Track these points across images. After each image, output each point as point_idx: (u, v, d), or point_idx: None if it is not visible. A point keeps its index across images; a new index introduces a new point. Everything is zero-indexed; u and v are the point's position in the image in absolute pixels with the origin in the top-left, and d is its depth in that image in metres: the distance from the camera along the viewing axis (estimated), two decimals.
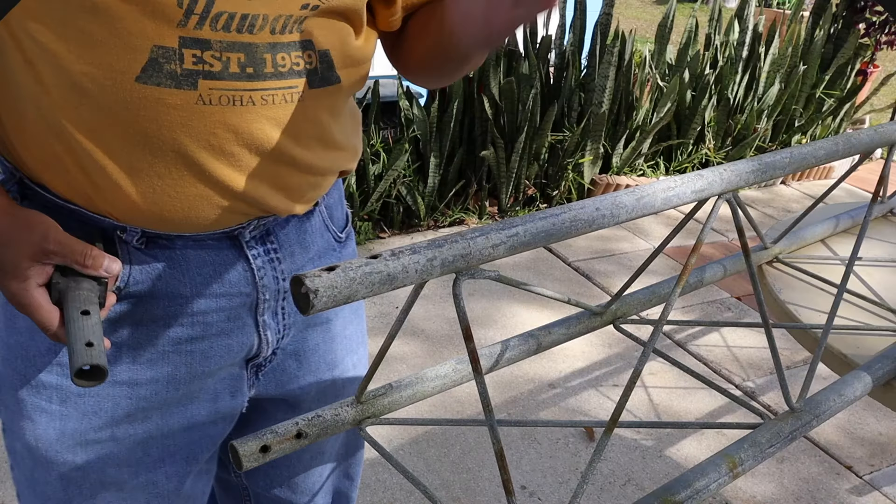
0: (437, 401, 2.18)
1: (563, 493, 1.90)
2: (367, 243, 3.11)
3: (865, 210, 1.22)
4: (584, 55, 3.58)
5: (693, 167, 3.97)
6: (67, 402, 0.77)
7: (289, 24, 0.68)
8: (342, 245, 0.91)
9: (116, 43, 0.63)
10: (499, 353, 0.86)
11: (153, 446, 0.81)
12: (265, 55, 0.67)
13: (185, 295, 0.77)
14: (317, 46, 0.71)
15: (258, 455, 0.66)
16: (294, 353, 0.89)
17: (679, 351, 2.57)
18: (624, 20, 8.19)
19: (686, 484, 0.72)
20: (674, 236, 0.84)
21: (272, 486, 1.00)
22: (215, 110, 0.67)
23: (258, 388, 0.89)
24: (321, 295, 0.54)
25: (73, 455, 0.79)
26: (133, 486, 0.82)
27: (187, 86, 0.65)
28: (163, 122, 0.66)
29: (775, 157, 0.81)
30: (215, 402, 0.84)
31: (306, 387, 0.91)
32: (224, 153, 0.69)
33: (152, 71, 0.64)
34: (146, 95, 0.65)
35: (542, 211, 0.65)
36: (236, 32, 0.65)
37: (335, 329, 0.92)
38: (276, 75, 0.69)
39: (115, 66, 0.64)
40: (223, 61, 0.66)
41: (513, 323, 2.64)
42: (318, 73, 0.72)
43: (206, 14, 0.64)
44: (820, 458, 2.11)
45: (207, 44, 0.65)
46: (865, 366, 0.92)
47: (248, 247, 0.79)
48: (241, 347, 0.82)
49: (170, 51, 0.64)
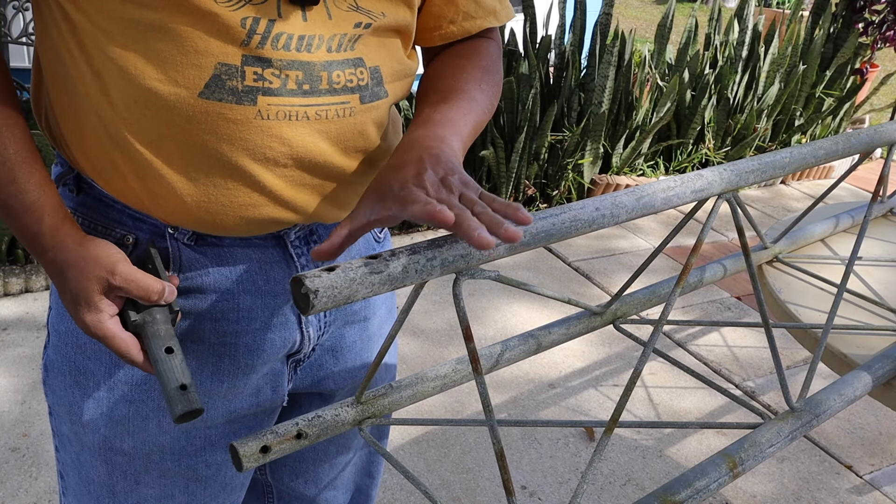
0: (437, 401, 2.18)
1: (563, 492, 1.90)
2: None
3: (865, 209, 1.22)
4: (583, 55, 3.58)
5: (693, 167, 3.97)
6: (115, 389, 0.80)
7: (343, 43, 0.71)
8: (380, 244, 0.94)
9: (183, 60, 0.66)
10: (499, 353, 0.86)
11: (196, 436, 0.84)
12: (321, 73, 0.71)
13: (231, 290, 0.80)
14: (368, 63, 0.74)
15: (258, 455, 0.66)
16: (331, 349, 0.91)
17: (679, 351, 2.57)
18: (623, 20, 8.19)
19: (686, 483, 0.72)
20: (674, 236, 0.84)
21: (296, 480, 1.02)
22: (272, 125, 0.70)
23: (295, 381, 0.91)
24: (321, 295, 0.54)
25: (120, 441, 0.82)
26: (175, 473, 0.85)
27: (247, 101, 0.68)
28: (222, 135, 0.69)
29: (775, 157, 0.81)
30: (257, 397, 0.86)
31: (340, 382, 0.94)
32: (278, 165, 0.72)
33: (215, 87, 0.67)
34: (208, 110, 0.68)
35: (542, 211, 0.65)
36: (295, 51, 0.69)
37: (372, 328, 0.95)
38: (330, 91, 0.72)
39: (181, 81, 0.67)
40: (282, 79, 0.69)
41: (513, 323, 2.64)
42: (369, 88, 0.75)
43: (268, 34, 0.67)
44: (820, 458, 2.11)
45: (268, 62, 0.68)
46: (865, 365, 0.92)
47: (292, 246, 0.82)
48: (283, 343, 0.84)
49: (232, 68, 0.67)
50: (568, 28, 3.59)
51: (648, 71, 3.86)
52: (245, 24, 0.66)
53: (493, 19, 0.86)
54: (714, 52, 4.09)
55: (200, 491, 0.87)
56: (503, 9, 0.87)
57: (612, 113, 3.58)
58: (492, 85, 0.85)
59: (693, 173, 0.74)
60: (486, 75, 0.84)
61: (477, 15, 0.84)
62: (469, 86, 0.81)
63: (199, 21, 0.65)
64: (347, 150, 0.76)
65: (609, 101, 3.45)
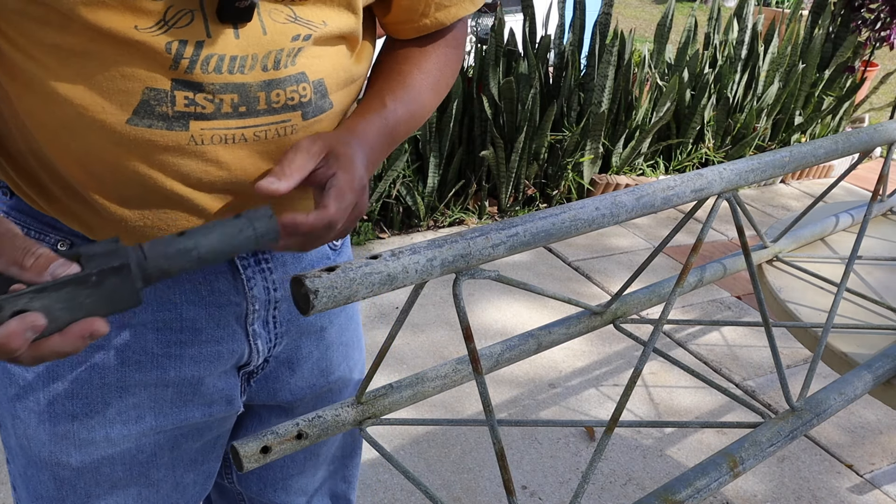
0: (437, 401, 2.18)
1: (563, 492, 1.90)
2: (367, 244, 3.11)
3: (865, 208, 1.22)
4: (583, 55, 3.58)
5: (693, 166, 3.97)
6: (55, 404, 0.77)
7: (281, 59, 0.67)
8: (337, 253, 0.91)
9: (109, 86, 0.63)
10: (499, 353, 0.86)
11: (146, 443, 0.81)
12: (258, 93, 0.66)
13: (173, 300, 0.77)
14: (311, 77, 0.70)
15: (258, 456, 0.66)
16: (287, 362, 0.88)
17: (679, 350, 2.57)
18: (623, 19, 8.19)
19: (687, 483, 0.72)
20: (674, 235, 0.84)
21: (266, 490, 0.99)
22: (207, 149, 0.66)
23: (249, 394, 0.89)
24: (321, 295, 0.54)
25: (67, 456, 0.78)
26: (126, 481, 0.82)
27: (179, 127, 0.65)
28: (154, 161, 0.66)
29: (775, 156, 0.81)
30: (210, 407, 0.83)
31: (299, 393, 0.91)
32: (216, 188, 0.69)
33: (144, 113, 0.64)
34: (137, 137, 0.64)
35: (541, 211, 0.65)
36: (228, 74, 0.64)
37: (330, 337, 0.92)
38: (269, 111, 0.68)
39: (107, 108, 0.63)
40: (216, 103, 0.65)
41: (513, 323, 2.64)
42: (313, 103, 0.71)
43: (196, 58, 0.63)
44: (820, 457, 2.11)
45: (200, 86, 0.64)
46: (866, 364, 0.92)
47: (238, 256, 0.78)
48: (230, 355, 0.82)
49: (161, 93, 0.63)
50: (567, 28, 3.59)
51: (648, 70, 3.86)
52: (170, 49, 0.62)
53: (468, 5, 0.80)
54: (713, 52, 4.09)
55: (153, 495, 0.85)
56: None
57: (612, 112, 3.58)
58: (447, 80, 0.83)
59: (693, 172, 0.74)
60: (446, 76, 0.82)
61: (451, 2, 0.79)
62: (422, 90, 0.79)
63: (122, 47, 0.61)
64: None
65: (609, 101, 3.45)
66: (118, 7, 0.60)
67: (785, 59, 4.07)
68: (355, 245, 3.07)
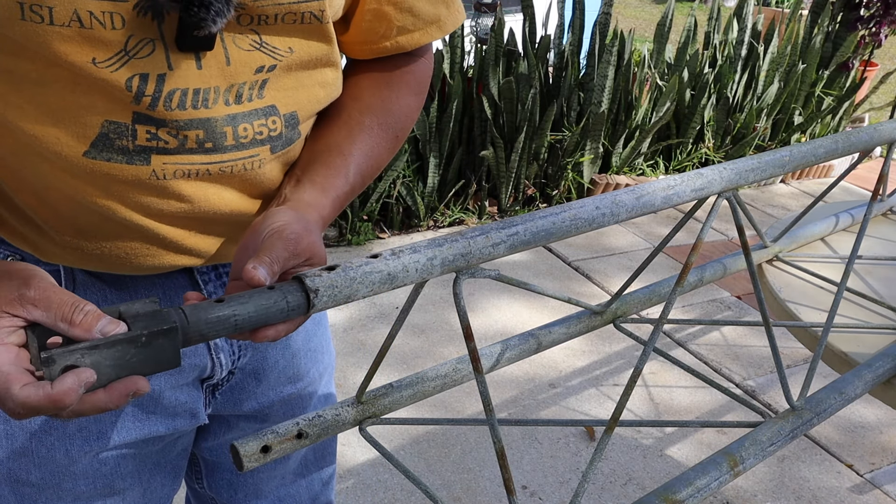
0: (437, 400, 2.18)
1: (563, 492, 1.90)
2: (367, 244, 3.11)
3: (865, 208, 1.22)
4: (583, 55, 3.58)
5: (693, 166, 3.97)
6: (11, 420, 0.75)
7: (244, 92, 0.64)
8: None
9: (65, 116, 0.60)
10: (499, 352, 0.86)
11: (108, 456, 0.80)
12: (225, 128, 0.63)
13: None
14: (282, 110, 0.67)
15: (259, 455, 0.66)
16: (253, 373, 0.87)
17: (679, 350, 2.57)
18: (623, 19, 8.19)
19: (687, 482, 0.72)
20: (674, 235, 0.84)
21: (237, 495, 0.98)
22: (169, 184, 0.64)
23: (215, 405, 0.88)
24: (321, 294, 0.54)
25: (27, 473, 0.77)
26: (90, 494, 0.81)
27: (140, 161, 0.62)
28: (112, 194, 0.63)
29: (775, 156, 0.81)
30: (173, 420, 0.82)
31: (266, 402, 0.90)
32: (177, 220, 0.67)
33: (102, 146, 0.61)
34: (94, 170, 0.62)
35: (541, 210, 0.65)
36: (192, 109, 0.61)
37: (296, 345, 0.90)
38: (236, 147, 0.65)
39: (63, 139, 0.60)
40: (180, 139, 0.62)
41: (513, 322, 2.64)
42: (283, 137, 0.68)
43: (158, 94, 0.60)
44: (821, 457, 2.11)
45: (163, 122, 0.61)
46: (866, 364, 0.92)
47: (199, 273, 0.78)
48: (192, 368, 0.81)
49: (122, 126, 0.60)
50: (567, 28, 3.59)
51: (648, 70, 3.86)
52: (131, 85, 0.59)
53: (434, 30, 0.76)
54: (713, 52, 4.09)
55: (120, 503, 0.83)
56: (451, 13, 0.77)
57: (612, 112, 3.58)
58: (405, 134, 0.78)
59: (693, 172, 0.74)
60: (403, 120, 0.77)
61: (415, 27, 0.74)
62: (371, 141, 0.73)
63: (80, 78, 0.58)
64: (254, 196, 0.70)
65: (608, 101, 3.45)
66: (75, 37, 0.56)
67: (785, 59, 4.07)
68: (355, 245, 3.07)
